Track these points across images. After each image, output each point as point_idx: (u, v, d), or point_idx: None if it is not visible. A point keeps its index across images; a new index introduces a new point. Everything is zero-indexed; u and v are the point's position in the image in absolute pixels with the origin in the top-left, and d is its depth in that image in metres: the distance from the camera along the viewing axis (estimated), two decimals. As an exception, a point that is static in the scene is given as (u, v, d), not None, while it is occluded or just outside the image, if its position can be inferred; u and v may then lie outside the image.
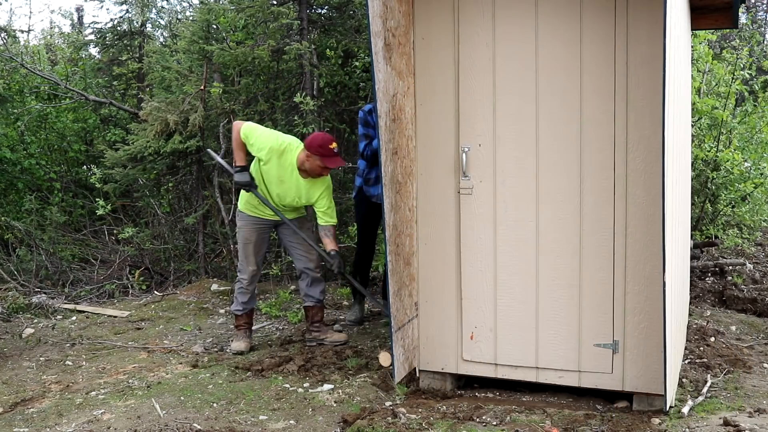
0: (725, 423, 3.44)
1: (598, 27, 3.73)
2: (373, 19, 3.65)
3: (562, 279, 3.92)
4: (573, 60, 3.80)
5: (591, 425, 3.59)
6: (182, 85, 7.89)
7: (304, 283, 4.94)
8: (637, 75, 3.68)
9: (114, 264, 7.51)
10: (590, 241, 3.85)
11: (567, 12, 3.79)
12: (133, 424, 3.59)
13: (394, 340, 3.98)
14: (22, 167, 8.86)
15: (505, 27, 3.92)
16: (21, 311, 5.92)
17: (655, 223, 3.67)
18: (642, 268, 3.76)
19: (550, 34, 3.84)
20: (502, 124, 3.96)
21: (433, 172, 4.14)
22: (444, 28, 4.02)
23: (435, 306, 4.22)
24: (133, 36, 9.90)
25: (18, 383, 4.33)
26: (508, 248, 4.01)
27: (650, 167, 3.69)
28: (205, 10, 7.61)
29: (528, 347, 4.03)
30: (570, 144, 3.84)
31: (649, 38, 3.63)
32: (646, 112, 3.67)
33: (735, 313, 5.83)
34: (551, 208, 3.92)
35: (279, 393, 4.08)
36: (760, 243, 8.17)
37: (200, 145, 7.34)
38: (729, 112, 7.21)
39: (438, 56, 4.05)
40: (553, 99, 3.85)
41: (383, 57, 3.77)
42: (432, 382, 4.29)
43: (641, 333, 3.78)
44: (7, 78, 8.84)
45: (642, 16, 3.64)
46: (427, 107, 4.12)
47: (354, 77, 7.54)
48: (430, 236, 4.18)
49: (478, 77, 3.99)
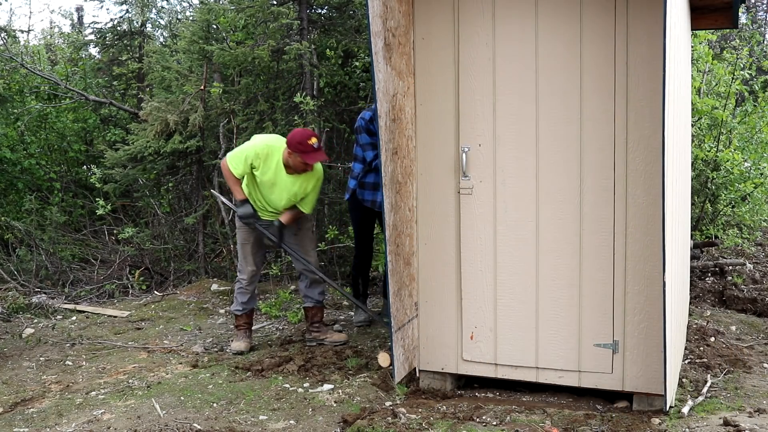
0: (725, 423, 3.44)
1: (598, 27, 3.74)
2: (373, 19, 3.65)
3: (562, 279, 3.92)
4: (573, 60, 3.80)
5: (591, 425, 3.59)
6: (182, 85, 7.89)
7: (304, 284, 4.94)
8: (637, 75, 3.68)
9: (114, 264, 7.51)
10: (590, 241, 3.85)
11: (567, 12, 3.79)
12: (133, 424, 3.59)
13: (394, 340, 3.98)
14: (22, 167, 8.86)
15: (505, 27, 3.92)
16: (21, 311, 5.93)
17: (655, 223, 3.67)
18: (642, 268, 3.76)
19: (550, 33, 3.84)
20: (502, 123, 3.96)
21: (433, 172, 4.14)
22: (444, 27, 4.02)
23: (435, 306, 4.22)
24: (133, 36, 9.90)
25: (18, 383, 4.33)
26: (508, 248, 4.01)
27: (650, 167, 3.69)
28: (205, 10, 7.61)
29: (528, 347, 4.03)
30: (570, 144, 3.84)
31: (648, 38, 3.63)
32: (646, 111, 3.68)
33: (735, 313, 5.83)
34: (551, 208, 3.92)
35: (279, 393, 4.08)
36: (760, 243, 8.16)
37: (200, 145, 7.34)
38: (729, 112, 7.21)
39: (438, 56, 4.05)
40: (553, 99, 3.85)
41: (383, 57, 3.77)
42: (432, 382, 4.29)
43: (641, 333, 3.78)
44: (7, 78, 8.84)
45: (642, 15, 3.64)
46: (427, 107, 4.12)
47: (354, 77, 7.54)
48: (430, 236, 4.18)
49: (478, 77, 3.98)
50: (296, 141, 4.40)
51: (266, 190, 4.64)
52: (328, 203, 7.89)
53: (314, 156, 4.42)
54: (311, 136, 4.44)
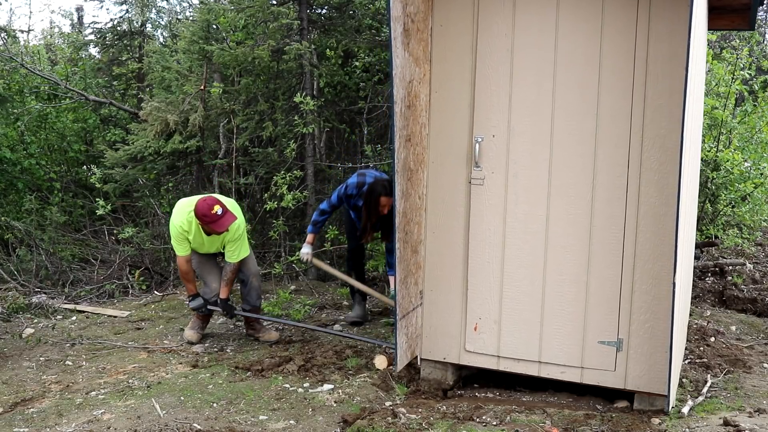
0: (725, 423, 3.44)
1: (620, 22, 3.68)
2: (393, 3, 3.58)
3: (570, 274, 3.90)
4: (592, 54, 3.75)
5: (591, 425, 3.59)
6: (182, 85, 7.90)
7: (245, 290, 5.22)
8: (656, 72, 3.63)
9: (114, 264, 7.51)
10: (600, 237, 3.82)
11: (589, 5, 3.73)
12: (133, 424, 3.59)
13: (398, 328, 3.95)
14: (22, 167, 8.86)
15: (526, 17, 3.86)
16: (21, 311, 5.92)
17: (666, 222, 3.65)
18: (651, 267, 3.73)
19: (570, 26, 3.78)
20: (518, 115, 3.92)
21: (444, 160, 4.10)
22: (463, 15, 3.97)
23: (440, 295, 4.20)
24: (133, 36, 9.91)
25: (18, 383, 4.33)
26: (517, 241, 3.99)
27: (664, 166, 3.65)
28: (205, 10, 7.62)
29: (531, 341, 4.01)
30: (585, 139, 3.80)
31: (670, 36, 3.58)
32: (664, 110, 3.63)
33: (735, 313, 5.84)
34: (563, 203, 3.88)
35: (279, 393, 4.08)
36: (760, 243, 8.17)
37: (200, 145, 7.34)
38: (729, 112, 7.22)
39: (456, 44, 3.99)
40: (570, 93, 3.81)
41: (402, 42, 3.71)
42: (433, 372, 4.28)
43: (646, 332, 3.77)
44: (7, 78, 8.84)
45: (665, 13, 3.59)
46: (442, 95, 4.06)
47: (354, 77, 7.54)
48: (439, 225, 4.15)
49: (496, 67, 3.93)
50: (201, 214, 4.66)
51: (199, 249, 5.02)
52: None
53: (221, 223, 4.69)
54: (213, 204, 4.66)
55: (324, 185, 7.84)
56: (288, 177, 6.63)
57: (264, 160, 7.29)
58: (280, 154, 7.20)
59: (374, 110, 7.68)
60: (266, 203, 6.65)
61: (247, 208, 7.65)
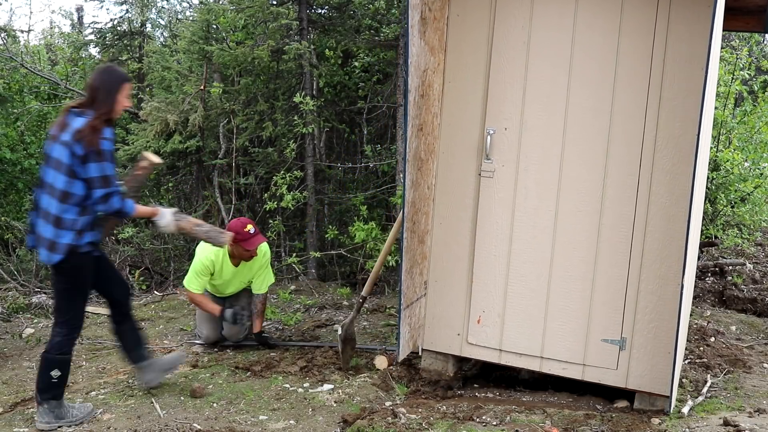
0: (725, 423, 3.44)
1: (639, 20, 3.66)
2: None
3: (576, 271, 3.89)
4: (609, 51, 3.73)
5: (591, 425, 3.59)
6: (182, 85, 7.89)
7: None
8: (672, 73, 3.61)
9: (114, 264, 7.50)
10: (608, 236, 3.81)
11: (608, 2, 3.71)
12: (133, 424, 3.59)
13: (401, 318, 3.93)
14: (22, 167, 8.85)
15: (544, 11, 3.84)
16: (21, 311, 5.92)
17: (676, 223, 3.64)
18: (658, 268, 3.72)
19: (588, 22, 3.76)
20: (531, 109, 3.90)
21: (455, 151, 4.08)
22: (480, 6, 3.94)
23: (445, 286, 4.18)
24: (133, 36, 9.90)
25: (18, 383, 4.33)
26: (524, 236, 3.97)
27: (676, 167, 3.64)
28: (205, 10, 7.62)
29: (534, 336, 4.00)
30: (598, 136, 3.78)
31: (690, 36, 3.55)
32: (678, 111, 3.61)
33: (735, 313, 5.84)
34: (572, 199, 3.86)
35: (279, 393, 4.08)
36: (760, 243, 8.17)
37: (200, 145, 7.35)
38: (728, 112, 7.22)
39: (471, 34, 3.97)
40: (585, 89, 3.79)
41: (418, 31, 3.68)
42: (434, 363, 4.27)
43: (650, 332, 3.76)
44: (7, 78, 8.83)
45: (685, 13, 3.56)
46: (455, 85, 4.03)
47: (353, 77, 7.55)
48: (446, 216, 4.13)
49: (511, 60, 3.91)
50: (234, 231, 4.61)
51: (222, 288, 4.92)
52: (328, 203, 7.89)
53: (253, 242, 4.65)
54: (246, 224, 4.67)
55: (324, 185, 7.85)
56: (288, 177, 6.64)
57: (264, 160, 7.29)
58: (280, 154, 7.21)
59: (374, 110, 7.69)
60: (266, 203, 6.66)
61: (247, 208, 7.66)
